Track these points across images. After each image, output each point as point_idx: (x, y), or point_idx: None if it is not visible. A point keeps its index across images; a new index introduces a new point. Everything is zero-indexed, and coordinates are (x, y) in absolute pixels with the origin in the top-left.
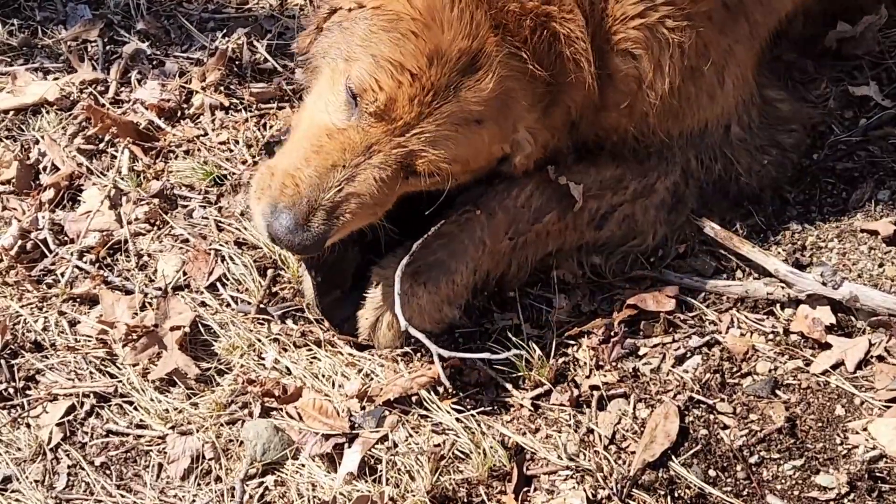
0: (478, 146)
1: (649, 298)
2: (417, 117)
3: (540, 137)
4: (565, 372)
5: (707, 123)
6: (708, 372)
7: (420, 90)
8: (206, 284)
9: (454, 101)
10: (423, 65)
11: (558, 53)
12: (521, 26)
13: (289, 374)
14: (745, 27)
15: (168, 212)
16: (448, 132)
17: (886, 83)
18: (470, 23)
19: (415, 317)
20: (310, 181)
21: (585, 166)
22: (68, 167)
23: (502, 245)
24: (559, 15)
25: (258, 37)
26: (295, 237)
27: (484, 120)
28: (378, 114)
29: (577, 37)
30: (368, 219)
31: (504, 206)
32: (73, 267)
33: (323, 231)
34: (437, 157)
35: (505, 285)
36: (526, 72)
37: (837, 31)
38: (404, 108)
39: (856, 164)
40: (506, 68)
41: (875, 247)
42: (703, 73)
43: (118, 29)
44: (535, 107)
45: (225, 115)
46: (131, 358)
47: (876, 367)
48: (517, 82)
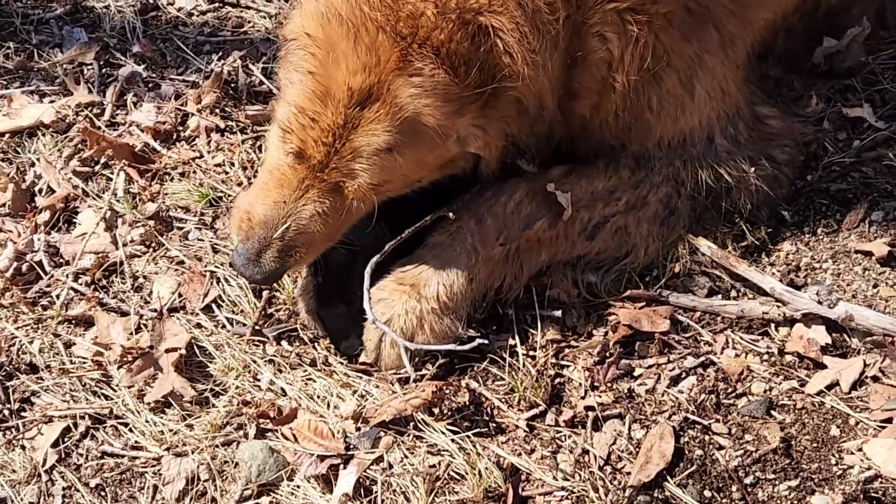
0: (401, 168)
1: (644, 318)
2: (327, 156)
3: (490, 128)
4: (560, 392)
5: (685, 136)
6: (703, 392)
7: (321, 132)
8: (201, 306)
9: (358, 137)
10: (318, 108)
11: (490, 47)
12: (438, 29)
13: (284, 396)
14: (714, 36)
15: (163, 234)
16: (361, 165)
17: (880, 105)
18: (366, 52)
19: (417, 332)
20: (259, 219)
21: (577, 178)
22: (64, 189)
23: (494, 252)
24: (488, 8)
25: (253, 59)
26: (247, 270)
27: (395, 146)
28: (296, 155)
29: (508, 28)
30: (325, 246)
31: (493, 212)
32: (69, 289)
33: (274, 267)
34: (361, 187)
35: (501, 299)
36: (441, 81)
37: (824, 48)
38: (314, 148)
39: (850, 185)
40: (411, 88)
41: (869, 267)
42: (664, 81)
43: (114, 52)
44: (466, 108)
45: (220, 137)
46: (127, 380)
47: (871, 387)
48: (429, 97)
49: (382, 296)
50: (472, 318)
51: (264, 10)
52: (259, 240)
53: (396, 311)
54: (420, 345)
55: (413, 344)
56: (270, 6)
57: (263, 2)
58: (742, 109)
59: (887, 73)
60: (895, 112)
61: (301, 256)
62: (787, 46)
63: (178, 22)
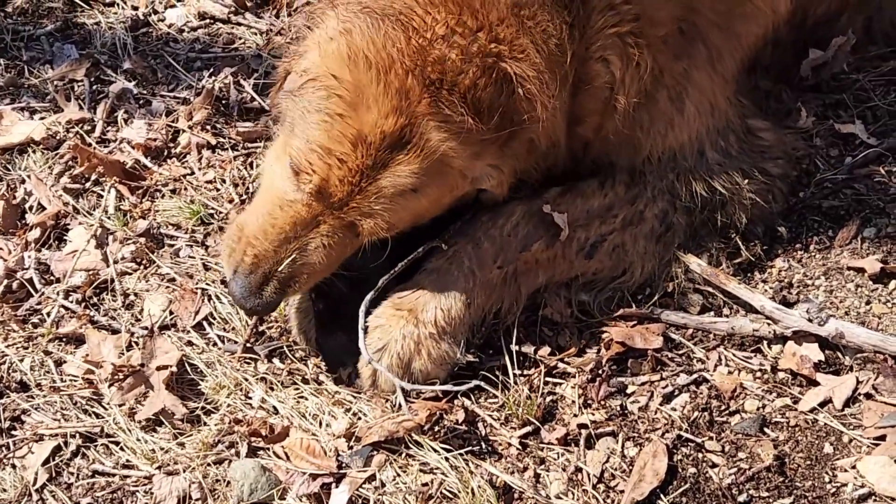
0: (420, 208)
1: (636, 336)
2: (350, 195)
3: (505, 167)
4: (553, 410)
5: (675, 151)
6: (696, 410)
7: (348, 172)
8: (192, 323)
9: (384, 178)
10: (348, 150)
11: (511, 92)
12: (463, 73)
13: (276, 414)
14: (702, 51)
15: (154, 251)
16: (383, 205)
17: (872, 121)
18: (397, 96)
19: (415, 357)
20: (266, 254)
21: (572, 197)
22: (54, 206)
23: (492, 275)
24: (509, 55)
25: (245, 76)
26: (247, 302)
27: (420, 188)
28: (314, 193)
29: (529, 76)
30: (324, 275)
31: (490, 236)
32: (59, 306)
33: (274, 299)
34: (377, 226)
35: (499, 323)
36: (467, 127)
37: (811, 59)
38: (336, 187)
39: (842, 201)
40: (440, 132)
41: (862, 284)
42: (657, 101)
43: (105, 68)
44: (486, 151)
45: (212, 153)
46: (118, 398)
47: (864, 404)
48: (455, 140)
49: (380, 322)
50: (470, 343)
51: (255, 27)
52: (263, 273)
53: (394, 336)
54: (415, 385)
55: (409, 385)
56: (261, 23)
57: (254, 18)
58: (733, 122)
59: (878, 89)
60: (887, 128)
61: (299, 287)
62: (776, 58)
63: (168, 38)
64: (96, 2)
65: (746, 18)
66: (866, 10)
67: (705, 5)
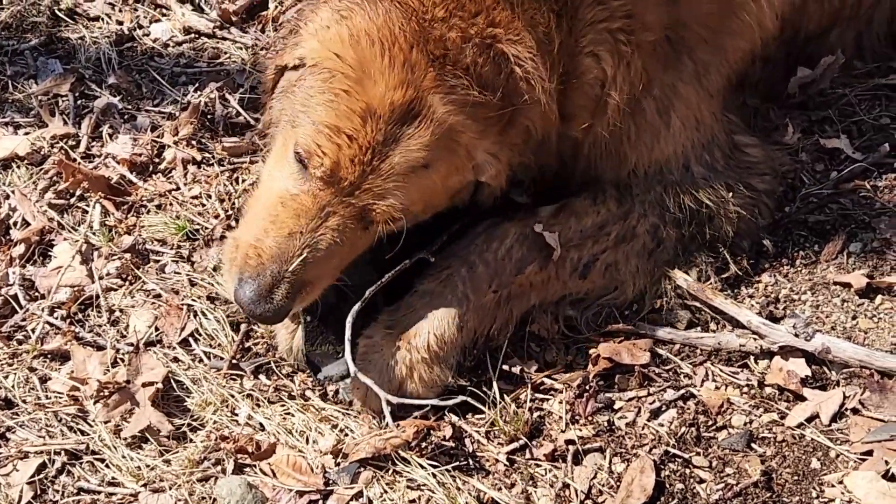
0: (431, 187)
1: (624, 351)
2: (362, 176)
3: (502, 156)
4: (540, 426)
5: (661, 165)
6: (683, 425)
7: (359, 150)
8: (178, 340)
9: (396, 154)
10: (357, 125)
11: (509, 73)
12: (464, 53)
13: (262, 430)
14: (689, 65)
15: (140, 267)
16: (396, 183)
17: (857, 136)
18: (403, 69)
19: (407, 381)
20: (271, 252)
21: (565, 217)
22: (39, 222)
23: (486, 299)
24: (505, 37)
25: (230, 91)
26: (257, 308)
27: (431, 163)
28: (325, 178)
29: (525, 57)
30: (334, 278)
31: (484, 259)
32: (44, 323)
33: (286, 304)
34: (390, 208)
35: (490, 343)
36: (471, 100)
37: (799, 77)
38: (348, 169)
39: (828, 216)
40: (447, 105)
41: (848, 299)
42: (645, 111)
43: (89, 83)
44: (489, 130)
45: (197, 169)
46: (103, 415)
47: (851, 419)
48: (462, 114)
49: (372, 344)
50: (461, 366)
51: (240, 42)
52: (272, 275)
53: (386, 360)
54: (401, 399)
55: (396, 398)
56: (246, 37)
57: (239, 33)
58: (718, 137)
59: (864, 104)
60: (872, 143)
61: (311, 291)
62: (766, 75)
63: (153, 53)
64: (81, 16)
65: (733, 34)
66: (857, 26)
67: (693, 18)
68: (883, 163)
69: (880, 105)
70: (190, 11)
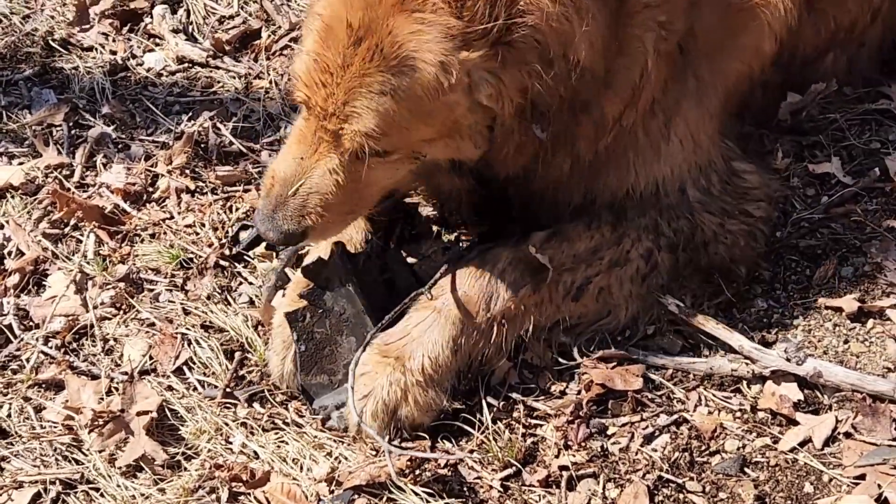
0: (401, 115)
1: (617, 377)
2: (326, 100)
3: (506, 76)
4: (534, 452)
5: (658, 184)
6: (677, 450)
7: (321, 72)
8: (172, 368)
9: (353, 77)
10: (320, 48)
11: None
12: None
13: (256, 459)
14: (692, 82)
15: (134, 296)
16: (355, 108)
17: (847, 161)
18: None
19: (402, 404)
20: (280, 176)
21: (558, 242)
22: (33, 252)
23: (480, 322)
24: None
25: (223, 120)
26: (262, 226)
27: (391, 91)
28: (304, 102)
29: None
30: (343, 217)
31: (478, 283)
32: (39, 352)
33: (288, 228)
34: (357, 132)
35: (484, 368)
36: (445, 11)
37: (789, 103)
38: (316, 93)
39: (819, 241)
40: (412, 24)
41: (840, 323)
42: (651, 121)
43: (83, 113)
44: (476, 44)
45: (191, 198)
46: (98, 444)
47: (843, 443)
48: (430, 33)
49: (366, 369)
50: (456, 390)
51: (234, 71)
52: (276, 197)
53: (380, 382)
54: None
55: (398, 450)
56: (240, 66)
57: (233, 62)
58: (715, 162)
59: (854, 129)
60: (863, 168)
61: (316, 220)
62: (764, 103)
63: (147, 82)
64: (74, 47)
65: (733, 55)
66: (849, 49)
67: (701, 29)
68: (873, 187)
69: (870, 130)
70: (183, 41)
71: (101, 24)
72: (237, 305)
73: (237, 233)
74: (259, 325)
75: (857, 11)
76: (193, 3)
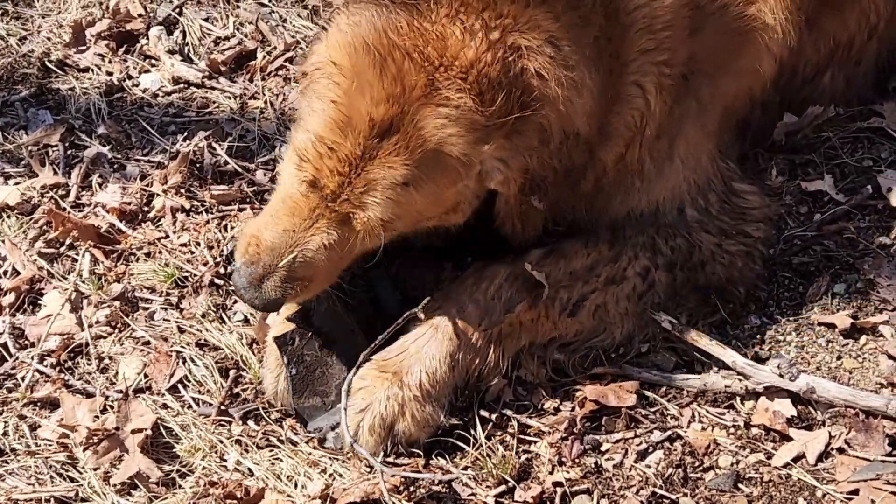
0: (415, 204)
1: (610, 393)
2: (341, 186)
3: (513, 161)
4: (528, 468)
5: (657, 204)
6: (670, 467)
7: (338, 161)
8: (167, 386)
9: (374, 169)
10: (338, 137)
11: (520, 70)
12: (465, 48)
13: (251, 476)
14: (693, 104)
15: (129, 314)
16: (374, 198)
17: (840, 178)
18: (392, 83)
19: (398, 420)
20: (266, 244)
21: (555, 259)
22: (29, 271)
23: (477, 338)
24: (516, 27)
25: (219, 139)
26: (247, 293)
27: (412, 181)
28: (310, 183)
29: (538, 45)
30: (327, 282)
31: (474, 299)
32: (34, 371)
33: (274, 296)
34: (370, 220)
35: (481, 384)
36: (468, 107)
37: (785, 123)
38: (328, 178)
39: (811, 258)
40: (437, 118)
41: (833, 340)
42: (656, 144)
43: (79, 133)
44: (493, 135)
45: (186, 217)
46: (93, 462)
47: (837, 459)
48: (455, 126)
49: (364, 384)
50: (453, 406)
51: (229, 91)
52: (264, 266)
53: (377, 397)
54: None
55: (391, 470)
56: (235, 87)
57: (228, 83)
58: (714, 182)
59: (846, 147)
60: (855, 185)
61: (301, 289)
62: (762, 122)
63: (143, 103)
64: (71, 68)
65: (732, 76)
66: (847, 67)
67: (703, 55)
68: (866, 205)
69: (863, 148)
70: (179, 62)
71: (97, 45)
72: (232, 324)
73: (232, 251)
74: (253, 343)
75: (855, 29)
76: (189, 25)
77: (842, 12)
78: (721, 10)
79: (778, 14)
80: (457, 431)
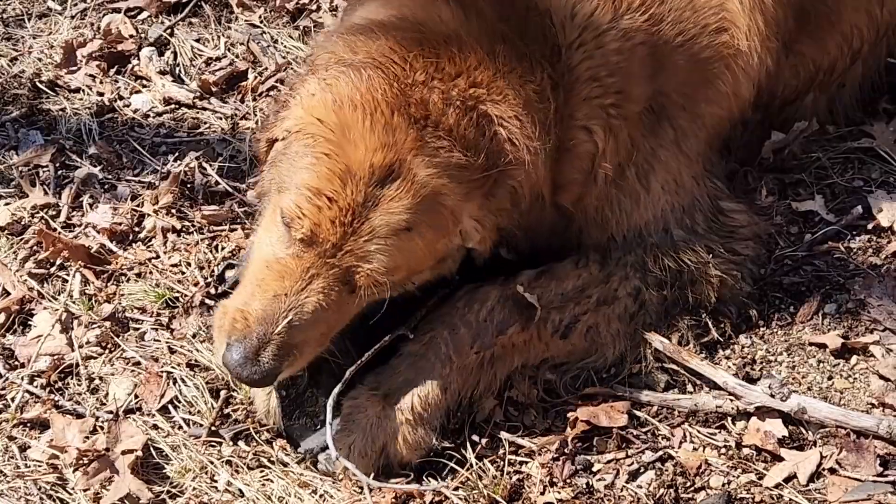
0: (416, 250)
1: (602, 414)
2: (343, 237)
3: (487, 221)
4: (520, 489)
5: (641, 228)
6: (662, 487)
7: (339, 211)
8: (157, 407)
9: (377, 215)
10: (337, 186)
11: (493, 134)
12: (446, 115)
13: (242, 497)
14: (669, 131)
15: (120, 335)
16: (378, 245)
17: (830, 198)
18: (384, 131)
19: (390, 442)
20: (257, 315)
21: (546, 280)
22: (19, 291)
23: (469, 360)
24: (488, 97)
25: (210, 160)
26: (243, 370)
27: (414, 225)
28: (306, 240)
29: (509, 117)
30: (323, 344)
31: (466, 321)
32: (24, 391)
33: (273, 366)
34: (374, 271)
35: (473, 406)
36: (454, 162)
37: (772, 141)
38: (328, 230)
39: (802, 278)
40: (429, 167)
41: (824, 360)
42: (627, 177)
43: (70, 154)
44: (474, 193)
45: (177, 237)
46: (83, 483)
47: (828, 479)
48: (445, 177)
49: (356, 405)
50: (445, 429)
51: (220, 112)
52: (258, 337)
53: (369, 420)
54: (382, 484)
55: (376, 482)
56: (226, 107)
57: (219, 103)
58: (699, 202)
59: (836, 167)
60: (845, 206)
61: (299, 355)
62: (744, 139)
63: (133, 123)
64: (62, 88)
65: (710, 101)
66: (830, 91)
67: (672, 87)
68: (856, 225)
69: (853, 168)
70: (170, 82)
71: (88, 65)
72: None
73: (223, 272)
74: None
75: (836, 54)
76: (180, 46)
77: (822, 38)
78: (689, 42)
79: (752, 41)
80: (448, 452)
